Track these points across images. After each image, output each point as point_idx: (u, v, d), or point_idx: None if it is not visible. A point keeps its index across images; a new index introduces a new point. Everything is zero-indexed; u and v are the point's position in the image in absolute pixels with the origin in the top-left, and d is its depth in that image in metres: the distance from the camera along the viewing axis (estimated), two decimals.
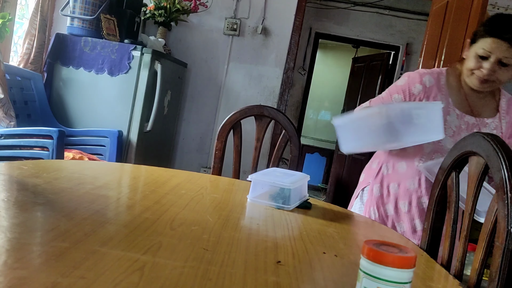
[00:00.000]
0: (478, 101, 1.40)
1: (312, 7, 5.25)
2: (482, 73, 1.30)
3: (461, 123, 1.37)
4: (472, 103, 1.40)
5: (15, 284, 0.49)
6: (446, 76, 1.42)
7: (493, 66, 1.27)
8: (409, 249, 0.58)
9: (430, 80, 1.40)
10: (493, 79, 1.30)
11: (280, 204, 1.17)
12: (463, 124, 1.37)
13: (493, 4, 3.86)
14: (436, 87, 1.40)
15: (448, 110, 1.38)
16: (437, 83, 1.40)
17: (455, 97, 1.40)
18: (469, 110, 1.39)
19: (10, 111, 2.34)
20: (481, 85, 1.33)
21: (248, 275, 0.66)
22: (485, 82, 1.31)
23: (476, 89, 1.36)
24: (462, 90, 1.40)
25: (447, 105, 1.39)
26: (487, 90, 1.36)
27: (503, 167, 0.81)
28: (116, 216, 0.87)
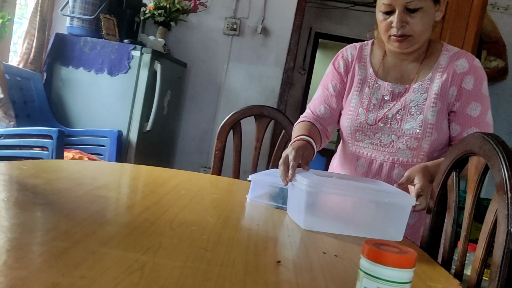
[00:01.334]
0: (410, 66, 1.27)
1: (312, 7, 5.25)
2: (394, 31, 1.17)
3: (384, 94, 1.26)
4: (403, 70, 1.27)
5: (16, 284, 0.49)
6: (371, 47, 1.33)
7: (401, 16, 1.14)
8: (409, 249, 0.58)
9: (352, 53, 1.34)
10: (410, 33, 1.16)
11: (280, 204, 1.16)
12: (387, 95, 1.26)
13: (493, 4, 3.87)
14: (357, 59, 1.33)
15: (368, 82, 1.29)
16: (358, 55, 1.33)
17: (380, 68, 1.29)
18: (398, 78, 1.27)
19: (9, 111, 2.34)
20: (402, 45, 1.19)
21: (248, 275, 0.66)
22: (403, 40, 1.17)
23: (401, 52, 1.23)
24: (389, 58, 1.29)
25: (366, 77, 1.30)
26: (411, 49, 1.22)
27: (503, 167, 0.81)
28: (116, 216, 0.87)
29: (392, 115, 1.25)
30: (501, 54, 3.80)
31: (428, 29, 1.20)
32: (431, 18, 1.19)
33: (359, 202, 1.00)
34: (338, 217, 1.01)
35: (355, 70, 1.33)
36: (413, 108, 1.23)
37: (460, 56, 1.24)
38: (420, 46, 1.23)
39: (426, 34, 1.20)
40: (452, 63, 1.23)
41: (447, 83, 1.22)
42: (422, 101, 1.23)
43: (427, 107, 1.22)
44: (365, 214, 1.01)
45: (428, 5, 1.15)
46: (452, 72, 1.22)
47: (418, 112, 1.22)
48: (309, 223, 0.99)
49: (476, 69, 1.22)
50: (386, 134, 1.26)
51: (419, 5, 1.14)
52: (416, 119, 1.22)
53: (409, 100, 1.24)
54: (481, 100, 1.21)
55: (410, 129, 1.22)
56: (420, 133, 1.21)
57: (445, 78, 1.22)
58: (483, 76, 1.22)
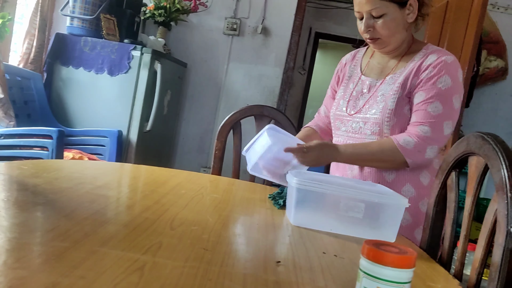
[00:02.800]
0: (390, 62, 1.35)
1: (312, 7, 5.25)
2: (366, 35, 1.29)
3: (363, 87, 1.37)
4: (384, 66, 1.36)
5: (15, 284, 0.49)
6: (365, 50, 1.46)
7: (367, 23, 1.25)
8: (409, 249, 0.58)
9: (347, 57, 1.50)
10: (377, 36, 1.27)
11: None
12: (365, 88, 1.36)
13: (493, 4, 3.86)
14: (350, 61, 1.47)
15: (353, 79, 1.41)
16: (352, 58, 1.47)
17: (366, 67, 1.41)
18: (378, 73, 1.36)
19: (9, 111, 2.34)
20: (375, 46, 1.32)
21: (248, 275, 0.66)
22: (373, 42, 1.29)
23: (379, 51, 1.35)
24: (375, 57, 1.40)
25: (353, 75, 1.42)
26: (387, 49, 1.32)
27: (503, 167, 0.81)
28: (116, 216, 0.87)
29: (364, 104, 1.34)
30: (501, 54, 3.80)
31: (397, 31, 1.27)
32: (399, 22, 1.26)
33: (349, 201, 1.00)
34: (327, 215, 1.02)
35: (346, 70, 1.47)
36: (379, 97, 1.31)
37: (433, 52, 1.28)
38: (396, 46, 1.31)
39: (397, 35, 1.28)
40: (424, 57, 1.28)
41: (411, 73, 1.27)
42: (388, 91, 1.30)
43: (390, 95, 1.28)
44: (355, 213, 1.01)
45: (392, 11, 1.23)
46: (419, 64, 1.27)
47: (382, 100, 1.29)
48: (299, 219, 1.01)
49: (440, 63, 1.24)
50: (356, 122, 1.34)
51: (382, 12, 1.23)
52: (378, 106, 1.29)
53: (379, 91, 1.32)
54: (429, 90, 1.23)
55: (373, 114, 1.30)
56: (380, 118, 1.28)
57: (412, 69, 1.28)
58: (446, 70, 1.23)
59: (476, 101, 3.83)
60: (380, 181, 1.30)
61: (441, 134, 1.22)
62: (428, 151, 1.22)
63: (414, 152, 1.21)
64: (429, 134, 1.21)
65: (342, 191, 1.01)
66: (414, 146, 1.21)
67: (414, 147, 1.21)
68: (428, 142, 1.21)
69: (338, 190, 1.01)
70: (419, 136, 1.21)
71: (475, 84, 3.54)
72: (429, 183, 1.30)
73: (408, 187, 1.29)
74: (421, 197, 1.29)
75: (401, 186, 1.29)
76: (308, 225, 1.00)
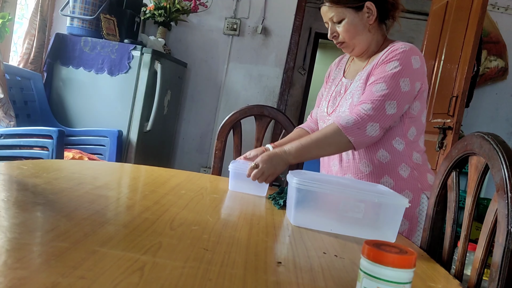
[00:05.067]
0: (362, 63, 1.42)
1: (312, 7, 5.25)
2: (333, 40, 1.38)
3: (341, 89, 1.43)
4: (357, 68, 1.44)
5: (15, 284, 0.49)
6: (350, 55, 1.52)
7: (332, 29, 1.36)
8: (409, 249, 0.58)
9: (335, 61, 1.58)
10: (342, 40, 1.35)
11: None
12: (343, 89, 1.42)
13: (493, 4, 3.86)
14: (336, 65, 1.56)
15: (336, 82, 1.48)
16: (338, 62, 1.56)
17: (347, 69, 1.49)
18: (352, 75, 1.43)
19: (10, 111, 2.34)
20: (344, 50, 1.40)
21: (248, 275, 0.66)
22: (340, 46, 1.38)
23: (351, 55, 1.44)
24: (354, 61, 1.48)
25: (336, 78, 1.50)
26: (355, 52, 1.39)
27: (503, 167, 0.81)
28: (116, 216, 0.87)
29: (338, 103, 1.41)
30: (502, 54, 3.80)
31: (358, 33, 1.34)
32: (358, 24, 1.33)
33: (349, 201, 1.01)
34: (327, 215, 1.02)
35: (332, 74, 1.55)
36: (348, 95, 1.37)
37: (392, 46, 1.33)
38: (363, 47, 1.37)
39: (358, 37, 1.34)
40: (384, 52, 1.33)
41: (372, 68, 1.34)
42: (355, 87, 1.36)
43: (356, 91, 1.35)
44: (355, 213, 1.01)
45: (349, 15, 1.32)
46: (378, 59, 1.34)
47: (350, 96, 1.35)
48: (299, 219, 1.01)
49: (392, 51, 1.30)
50: (332, 119, 1.38)
51: (341, 17, 1.32)
52: (347, 103, 1.35)
53: (350, 89, 1.39)
54: (378, 74, 1.29)
55: (342, 111, 1.35)
56: (347, 112, 1.32)
57: (372, 65, 1.34)
58: (395, 56, 1.29)
59: (476, 101, 3.83)
60: (358, 174, 1.34)
61: (382, 112, 1.24)
62: (368, 128, 1.24)
63: (354, 129, 1.23)
64: (370, 111, 1.24)
65: (342, 191, 1.01)
66: (354, 123, 1.23)
67: (353, 124, 1.23)
68: (368, 119, 1.24)
69: (338, 190, 1.01)
70: (358, 114, 1.24)
71: (475, 84, 3.54)
72: (409, 175, 1.32)
73: (387, 179, 1.32)
74: (401, 189, 1.32)
75: (379, 178, 1.32)
76: (308, 225, 1.00)
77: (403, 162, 1.32)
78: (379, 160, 1.32)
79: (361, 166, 1.34)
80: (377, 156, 1.32)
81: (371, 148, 1.32)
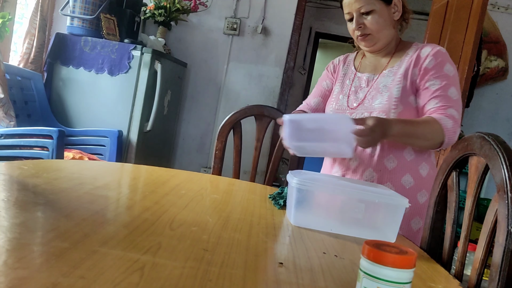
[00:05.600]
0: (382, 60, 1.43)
1: (312, 6, 5.25)
2: (357, 32, 1.36)
3: (361, 83, 1.43)
4: (376, 63, 1.44)
5: (16, 284, 0.49)
6: (355, 54, 1.54)
7: (358, 20, 1.34)
8: (409, 249, 0.58)
9: (340, 59, 1.58)
10: (368, 32, 1.35)
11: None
12: (363, 83, 1.42)
13: (493, 4, 3.86)
14: (342, 62, 1.55)
15: (349, 76, 1.48)
16: (344, 59, 1.56)
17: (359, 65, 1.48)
18: (372, 70, 1.43)
19: (10, 111, 2.34)
20: (366, 43, 1.38)
21: (248, 276, 0.66)
22: (364, 38, 1.36)
23: (369, 50, 1.42)
24: (366, 58, 1.47)
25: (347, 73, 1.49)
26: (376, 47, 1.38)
27: (503, 167, 0.81)
28: (116, 217, 0.87)
29: (365, 96, 1.39)
30: (502, 53, 3.80)
31: (385, 27, 1.35)
32: (386, 18, 1.35)
33: (349, 201, 1.00)
34: (327, 215, 1.02)
35: (339, 70, 1.54)
36: (381, 88, 1.36)
37: (426, 45, 1.37)
38: (385, 43, 1.39)
39: (384, 31, 1.36)
40: (418, 50, 1.36)
41: (411, 65, 1.34)
42: (390, 82, 1.35)
43: (393, 85, 1.34)
44: (355, 213, 1.01)
45: (379, 8, 1.33)
46: (416, 56, 1.34)
47: (385, 90, 1.34)
48: (299, 219, 1.01)
49: (438, 52, 1.32)
50: (359, 113, 1.36)
51: (370, 8, 1.32)
52: (383, 96, 1.34)
53: (379, 83, 1.38)
54: (441, 77, 1.28)
55: (379, 104, 1.33)
56: (387, 106, 1.31)
57: (410, 61, 1.35)
58: (446, 59, 1.31)
59: (476, 101, 3.83)
60: (382, 169, 1.31)
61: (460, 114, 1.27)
62: (457, 132, 1.25)
63: (451, 133, 1.23)
64: (457, 116, 1.25)
65: (342, 191, 1.00)
66: (452, 126, 1.23)
67: (452, 127, 1.23)
68: (458, 124, 1.25)
69: (338, 190, 1.01)
70: (453, 118, 1.24)
71: (475, 84, 3.54)
72: (427, 174, 1.33)
73: (408, 177, 1.31)
74: (419, 188, 1.32)
75: (402, 176, 1.31)
76: (308, 225, 1.00)
77: (423, 161, 1.33)
78: (405, 157, 1.32)
79: (386, 161, 1.32)
80: (404, 153, 1.32)
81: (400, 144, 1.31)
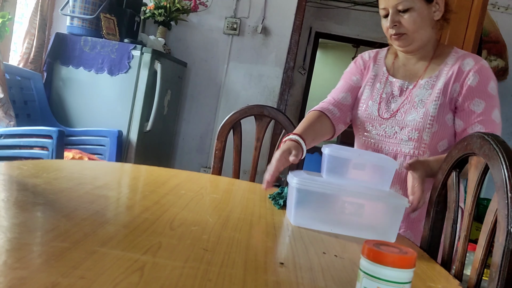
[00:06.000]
0: (418, 65, 1.34)
1: (312, 6, 5.25)
2: (391, 31, 1.27)
3: (393, 89, 1.34)
4: (411, 68, 1.35)
5: (15, 284, 0.49)
6: (386, 51, 1.44)
7: (393, 18, 1.25)
8: (409, 249, 0.58)
9: (370, 54, 1.46)
10: (403, 31, 1.25)
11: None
12: (396, 90, 1.33)
13: (493, 4, 3.86)
14: (373, 59, 1.44)
15: (380, 79, 1.38)
16: (375, 56, 1.44)
17: (391, 67, 1.39)
18: (407, 76, 1.35)
19: (9, 111, 2.34)
20: (400, 43, 1.29)
21: (248, 275, 0.66)
22: (398, 37, 1.27)
23: (403, 51, 1.32)
24: (399, 59, 1.38)
25: (378, 74, 1.39)
26: (411, 47, 1.29)
27: (503, 167, 0.81)
28: (116, 216, 0.87)
29: (398, 108, 1.31)
30: (502, 53, 3.80)
31: (423, 27, 1.25)
32: (425, 17, 1.25)
33: (349, 201, 1.00)
34: (327, 215, 1.02)
35: (369, 68, 1.43)
36: (417, 102, 1.28)
37: (467, 56, 1.28)
38: (421, 44, 1.29)
39: (422, 31, 1.26)
40: (458, 61, 1.27)
41: (451, 79, 1.26)
42: (427, 96, 1.27)
43: (430, 101, 1.26)
44: (354, 213, 1.01)
45: (418, 5, 1.23)
46: (457, 69, 1.26)
47: (421, 106, 1.27)
48: (299, 219, 1.01)
49: (482, 68, 1.24)
50: (390, 126, 1.31)
51: (408, 6, 1.23)
52: (418, 112, 1.26)
53: (415, 95, 1.29)
54: (485, 97, 1.22)
55: (412, 120, 1.27)
56: (421, 123, 1.25)
57: (450, 74, 1.26)
58: (490, 76, 1.24)
59: None
60: None
61: None
62: None
63: None
64: None
65: (342, 191, 1.00)
66: None
67: None
68: None
69: (338, 190, 1.01)
70: None
71: None
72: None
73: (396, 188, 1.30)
74: None
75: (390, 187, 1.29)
76: (308, 225, 1.00)
77: None
78: None
79: None
80: None
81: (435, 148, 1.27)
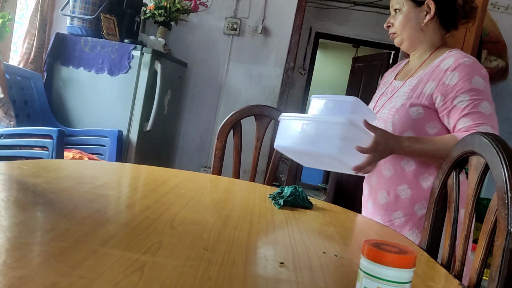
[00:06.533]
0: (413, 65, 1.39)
1: (313, 6, 5.25)
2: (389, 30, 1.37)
3: (389, 90, 1.41)
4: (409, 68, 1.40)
5: (15, 284, 0.49)
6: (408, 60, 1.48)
7: (389, 18, 1.35)
8: (409, 249, 0.58)
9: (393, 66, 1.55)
10: (393, 30, 1.35)
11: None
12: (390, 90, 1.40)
13: (493, 4, 3.86)
14: (393, 68, 1.53)
15: (387, 83, 1.46)
16: (396, 66, 1.53)
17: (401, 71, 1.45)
18: (403, 76, 1.40)
19: (10, 111, 2.34)
20: (395, 42, 1.37)
21: (248, 275, 0.66)
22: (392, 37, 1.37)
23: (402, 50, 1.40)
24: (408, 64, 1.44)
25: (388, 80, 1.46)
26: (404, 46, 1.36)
27: (503, 167, 0.81)
28: (116, 216, 0.87)
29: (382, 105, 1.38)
30: (502, 53, 3.80)
31: (409, 28, 1.32)
32: (411, 20, 1.31)
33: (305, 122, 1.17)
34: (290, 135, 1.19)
35: (386, 77, 1.53)
36: (394, 98, 1.33)
37: (451, 56, 1.26)
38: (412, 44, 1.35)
39: (408, 32, 1.32)
40: (441, 61, 1.27)
41: (426, 76, 1.28)
42: (403, 94, 1.31)
43: (401, 96, 1.30)
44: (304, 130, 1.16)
45: (406, 8, 1.31)
46: (435, 67, 1.27)
47: (397, 100, 1.31)
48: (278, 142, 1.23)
49: (461, 65, 1.22)
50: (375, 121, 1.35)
51: (398, 7, 1.32)
52: (391, 105, 1.32)
53: (398, 92, 1.34)
54: (469, 92, 1.20)
55: (383, 113, 1.33)
56: (386, 115, 1.30)
57: (426, 72, 1.29)
58: (473, 71, 1.21)
59: None
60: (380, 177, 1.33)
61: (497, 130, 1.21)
62: None
63: None
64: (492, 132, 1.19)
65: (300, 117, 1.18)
66: None
67: None
68: None
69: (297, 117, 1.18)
70: None
71: None
72: (429, 187, 1.26)
73: (404, 187, 1.29)
74: (417, 199, 1.28)
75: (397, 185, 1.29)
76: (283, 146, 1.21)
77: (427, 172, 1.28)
78: (402, 167, 1.29)
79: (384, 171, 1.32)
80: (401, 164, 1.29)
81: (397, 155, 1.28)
